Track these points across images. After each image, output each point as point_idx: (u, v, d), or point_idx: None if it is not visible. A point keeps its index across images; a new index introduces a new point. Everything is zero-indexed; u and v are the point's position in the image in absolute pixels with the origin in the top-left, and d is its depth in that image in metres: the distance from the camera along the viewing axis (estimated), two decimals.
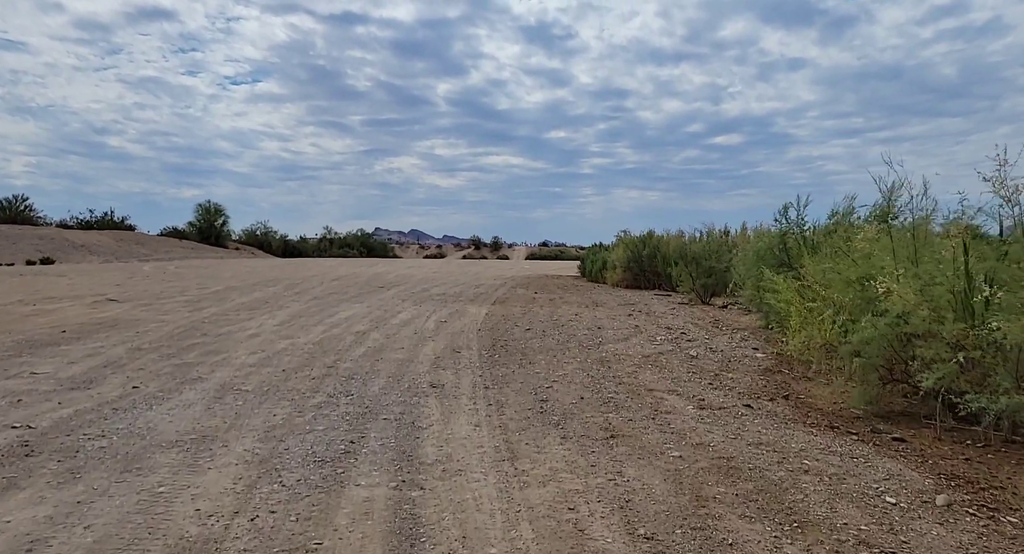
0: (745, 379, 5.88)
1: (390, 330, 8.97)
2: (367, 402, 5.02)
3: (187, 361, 6.57)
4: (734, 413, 4.68)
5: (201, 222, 34.21)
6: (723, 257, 12.69)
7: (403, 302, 12.82)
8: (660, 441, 4.00)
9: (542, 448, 3.90)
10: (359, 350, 7.40)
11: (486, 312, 11.30)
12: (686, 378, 5.89)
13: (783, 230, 8.99)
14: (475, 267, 29.87)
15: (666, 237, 17.24)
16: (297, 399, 5.09)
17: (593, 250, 22.36)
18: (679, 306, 12.39)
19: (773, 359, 6.80)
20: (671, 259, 15.97)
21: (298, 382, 5.71)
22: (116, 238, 31.42)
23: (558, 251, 55.50)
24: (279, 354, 7.07)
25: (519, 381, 5.80)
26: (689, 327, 9.31)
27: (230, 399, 5.04)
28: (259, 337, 8.24)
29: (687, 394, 5.24)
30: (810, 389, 5.52)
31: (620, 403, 4.95)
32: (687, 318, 10.47)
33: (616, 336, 8.47)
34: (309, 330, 8.90)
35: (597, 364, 6.62)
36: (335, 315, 10.60)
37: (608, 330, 9.04)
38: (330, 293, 14.53)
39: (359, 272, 22.80)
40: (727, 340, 8.05)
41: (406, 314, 10.87)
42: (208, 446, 3.88)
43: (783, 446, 3.93)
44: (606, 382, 5.72)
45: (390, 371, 6.24)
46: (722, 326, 9.53)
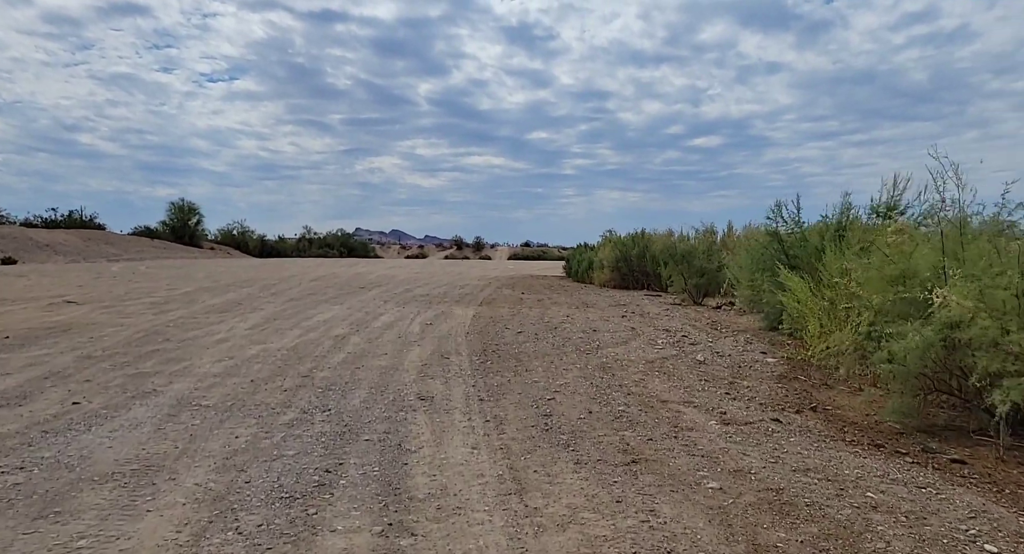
0: (762, 387, 5.30)
1: (372, 334, 8.29)
2: (346, 419, 4.36)
3: (143, 370, 5.84)
4: (763, 429, 4.09)
5: (174, 221, 33.05)
6: (715, 257, 12.16)
7: (385, 303, 12.13)
8: (691, 467, 3.39)
9: (554, 477, 3.27)
10: (338, 357, 6.72)
11: (473, 314, 10.65)
12: (699, 387, 5.30)
13: (777, 228, 8.44)
14: (458, 267, 29.19)
15: (655, 236, 16.72)
16: (265, 416, 4.41)
17: (579, 250, 21.79)
18: (672, 307, 11.83)
19: (785, 364, 6.24)
20: (661, 259, 15.45)
21: (268, 395, 5.03)
22: (83, 237, 30.24)
23: (540, 251, 54.93)
24: (248, 362, 6.37)
25: (517, 392, 5.17)
26: (688, 329, 8.75)
27: (186, 417, 4.34)
28: (228, 342, 7.52)
29: (705, 406, 4.65)
30: (835, 399, 4.96)
31: (634, 418, 4.33)
32: (683, 320, 9.91)
33: (614, 339, 7.88)
34: (284, 334, 8.19)
35: (599, 371, 6.01)
36: (313, 318, 9.89)
37: (604, 333, 8.44)
38: (308, 294, 13.79)
39: (339, 272, 22.03)
40: (732, 343, 7.48)
41: (389, 316, 10.19)
42: (151, 480, 3.20)
43: (835, 473, 3.34)
44: (613, 392, 5.11)
45: (372, 381, 5.58)
46: (721, 328, 8.98)
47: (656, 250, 15.75)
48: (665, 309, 11.40)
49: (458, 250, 59.50)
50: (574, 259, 21.15)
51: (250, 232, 39.91)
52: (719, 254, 12.13)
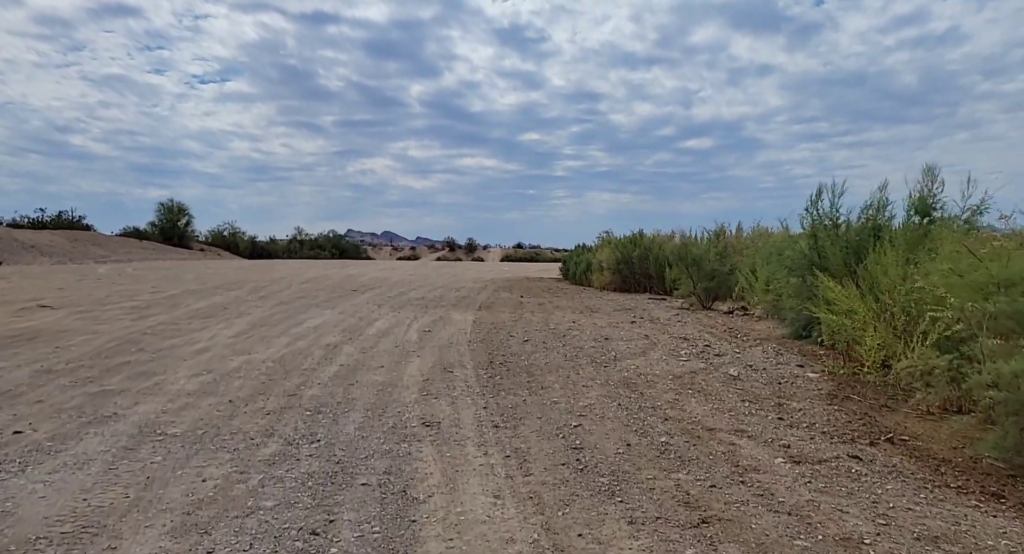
0: (815, 410, 4.59)
1: (366, 342, 7.53)
2: (338, 453, 3.61)
3: (107, 388, 5.06)
4: (844, 469, 3.37)
5: (163, 222, 32.02)
6: (727, 260, 11.47)
7: (379, 308, 11.36)
8: (780, 532, 2.65)
9: (606, 545, 2.53)
10: (329, 370, 5.96)
11: (473, 319, 9.91)
12: (744, 410, 4.57)
13: (813, 225, 7.71)
14: (452, 269, 28.42)
15: (658, 238, 16.04)
16: (242, 449, 3.65)
17: (576, 252, 21.08)
18: (681, 312, 11.13)
19: (829, 380, 5.53)
20: (666, 261, 14.76)
21: (247, 419, 4.26)
22: (70, 238, 29.23)
23: (533, 253, 54.18)
24: (229, 376, 5.60)
25: (536, 415, 4.43)
26: (707, 337, 8.04)
27: (147, 451, 3.58)
28: (208, 352, 6.74)
29: (761, 436, 3.92)
30: (906, 425, 4.25)
31: (682, 453, 3.60)
32: (698, 326, 9.20)
33: (630, 349, 7.15)
34: (270, 343, 7.41)
35: (623, 388, 5.28)
36: (302, 324, 9.12)
37: (617, 341, 7.72)
38: (298, 297, 13.00)
39: (331, 274, 21.21)
40: (760, 354, 6.77)
41: (384, 322, 9.43)
42: (84, 550, 2.44)
43: (973, 543, 2.61)
44: (648, 417, 4.38)
45: (368, 401, 4.83)
46: (741, 336, 8.27)
47: (666, 252, 15.07)
48: (675, 314, 10.69)
49: (450, 252, 58.69)
50: (571, 261, 20.45)
51: (241, 233, 38.97)
52: (731, 257, 11.44)
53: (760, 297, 10.33)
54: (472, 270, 28.08)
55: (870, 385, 5.25)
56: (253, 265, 27.46)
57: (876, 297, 5.16)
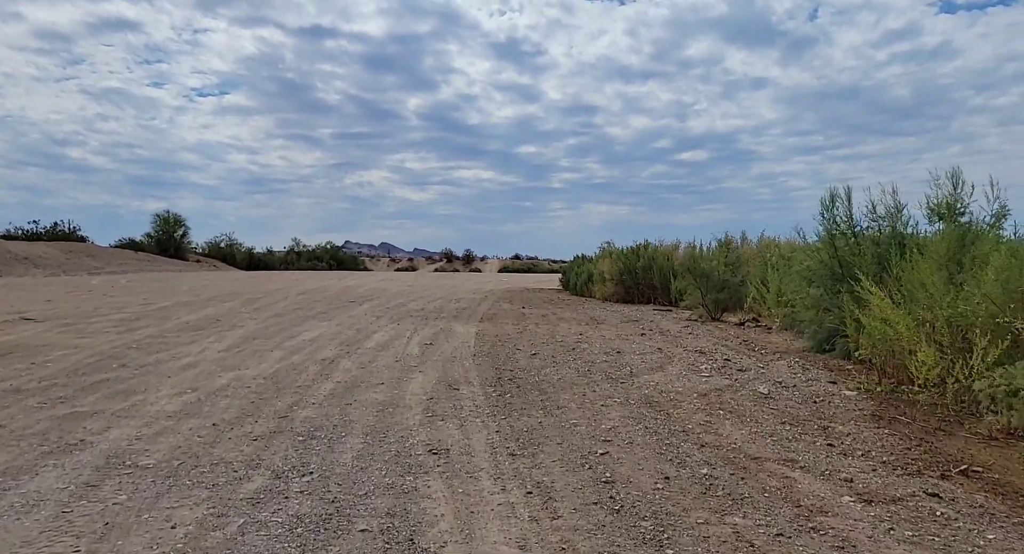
0: (864, 434, 4.09)
1: (365, 356, 7.01)
2: (333, 488, 3.10)
3: (78, 409, 4.54)
4: (927, 512, 2.86)
5: (159, 233, 31.42)
6: (738, 270, 11.00)
7: (378, 319, 10.85)
8: None
9: None
10: (325, 387, 5.44)
11: (476, 331, 9.40)
12: (786, 434, 4.07)
13: (830, 233, 7.23)
14: (450, 280, 27.91)
15: (662, 248, 15.58)
16: (222, 484, 3.14)
17: (577, 262, 20.61)
18: (690, 323, 10.65)
19: (868, 398, 5.04)
20: (672, 271, 14.29)
21: (231, 447, 3.75)
22: (64, 250, 28.64)
23: (531, 264, 53.66)
24: (215, 395, 5.08)
25: (555, 440, 3.92)
26: (724, 350, 7.55)
27: (111, 488, 3.06)
28: (196, 368, 6.22)
29: (817, 467, 3.42)
30: (972, 453, 3.75)
31: (730, 488, 3.10)
32: (712, 339, 8.72)
33: (645, 364, 6.66)
34: (262, 357, 6.90)
35: (646, 407, 4.78)
36: (298, 336, 8.60)
37: (630, 355, 7.22)
38: (294, 309, 12.48)
39: (328, 285, 20.69)
40: (786, 369, 6.28)
41: (383, 334, 8.91)
42: None
43: None
44: (681, 443, 3.88)
45: (368, 423, 4.31)
46: (759, 349, 7.79)
47: (673, 262, 14.61)
48: (684, 326, 10.20)
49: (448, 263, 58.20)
50: (572, 272, 19.98)
51: (238, 245, 38.41)
52: (742, 267, 10.97)
53: (772, 308, 9.87)
54: (471, 281, 27.59)
55: (915, 405, 4.76)
56: (250, 277, 26.91)
57: (913, 309, 4.68)
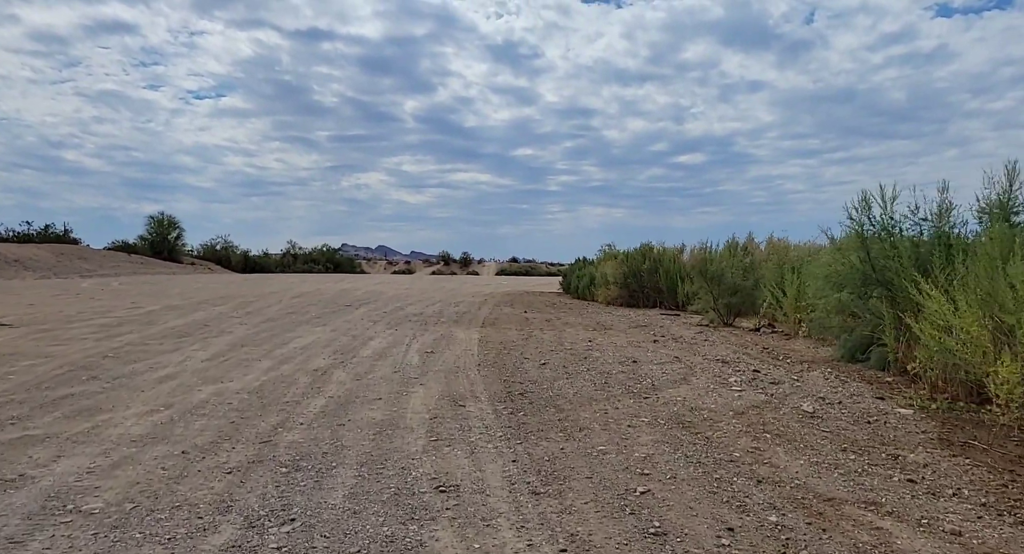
0: (942, 465, 3.47)
1: (360, 366, 6.38)
2: (320, 544, 2.47)
3: (30, 433, 3.90)
4: None
5: (153, 235, 30.66)
6: (751, 273, 10.41)
7: (375, 324, 10.22)
8: None
9: None
10: (315, 404, 4.81)
11: (479, 337, 8.78)
12: (853, 465, 3.45)
13: (863, 236, 6.63)
14: (448, 283, 27.27)
15: (668, 250, 14.99)
16: (181, 537, 2.50)
17: (578, 265, 20.01)
18: (703, 329, 10.04)
19: (927, 418, 4.43)
20: (679, 274, 13.70)
21: (200, 482, 3.11)
22: (56, 252, 27.89)
23: (528, 267, 52.97)
24: (190, 414, 4.44)
25: (583, 473, 3.30)
26: (747, 360, 6.94)
27: (39, 544, 2.42)
28: (173, 381, 5.58)
29: (908, 513, 2.79)
30: None
31: (816, 548, 2.48)
32: (730, 346, 8.11)
33: (666, 375, 6.05)
34: (249, 367, 6.26)
35: (680, 429, 4.16)
36: (289, 343, 7.96)
37: (647, 365, 6.61)
38: (288, 313, 11.83)
39: (324, 288, 20.03)
40: (822, 382, 5.68)
41: (380, 341, 8.28)
42: None
43: None
44: (733, 477, 3.25)
45: (363, 449, 3.68)
46: (784, 358, 7.18)
47: (683, 265, 14.01)
48: (697, 332, 9.60)
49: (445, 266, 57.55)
50: (573, 274, 19.38)
51: (234, 247, 37.68)
52: (756, 269, 10.37)
53: (790, 314, 9.28)
54: (469, 284, 26.95)
55: (982, 426, 4.15)
56: (244, 279, 26.23)
57: (992, 316, 4.07)
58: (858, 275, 6.34)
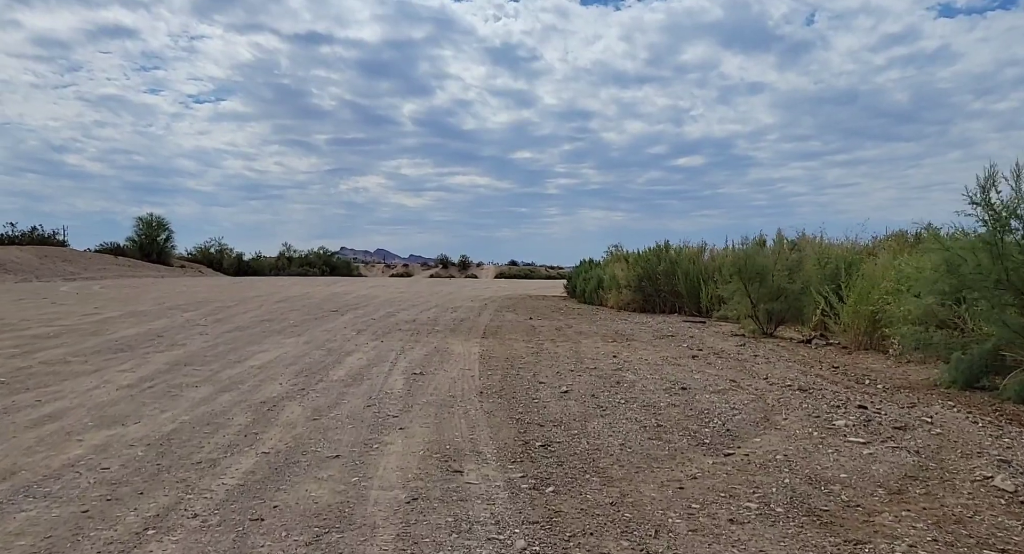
0: None
1: (325, 396, 4.67)
2: None
3: None
4: None
5: (142, 237, 28.90)
6: (798, 275, 8.70)
7: (358, 334, 8.51)
8: None
9: None
10: (238, 466, 3.11)
11: (480, 352, 7.08)
12: None
13: (993, 227, 4.89)
14: (446, 287, 25.53)
15: (686, 250, 13.30)
16: None
17: (584, 268, 18.29)
18: (743, 340, 8.35)
19: None
20: (701, 276, 12.01)
21: None
22: (39, 255, 26.12)
23: (528, 270, 51.08)
24: (36, 488, 2.73)
25: None
26: (826, 385, 5.25)
27: None
28: (55, 421, 3.88)
29: None
30: None
31: None
32: (789, 364, 6.42)
33: (735, 411, 4.35)
34: (175, 399, 4.55)
35: (820, 532, 2.46)
36: (246, 361, 6.26)
37: (702, 393, 4.91)
38: (261, 320, 10.12)
39: (313, 292, 18.30)
40: (968, 424, 3.97)
41: (360, 356, 6.58)
42: None
43: None
44: None
45: None
46: (869, 381, 5.49)
47: (691, 267, 12.32)
48: (738, 344, 7.90)
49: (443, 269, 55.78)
50: (579, 277, 17.65)
51: (228, 250, 35.90)
52: (803, 270, 8.66)
53: (850, 323, 7.57)
54: (467, 288, 25.24)
55: None
56: (233, 282, 24.48)
57: None
58: (989, 278, 4.64)
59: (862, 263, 8.36)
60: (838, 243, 10.60)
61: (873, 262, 7.91)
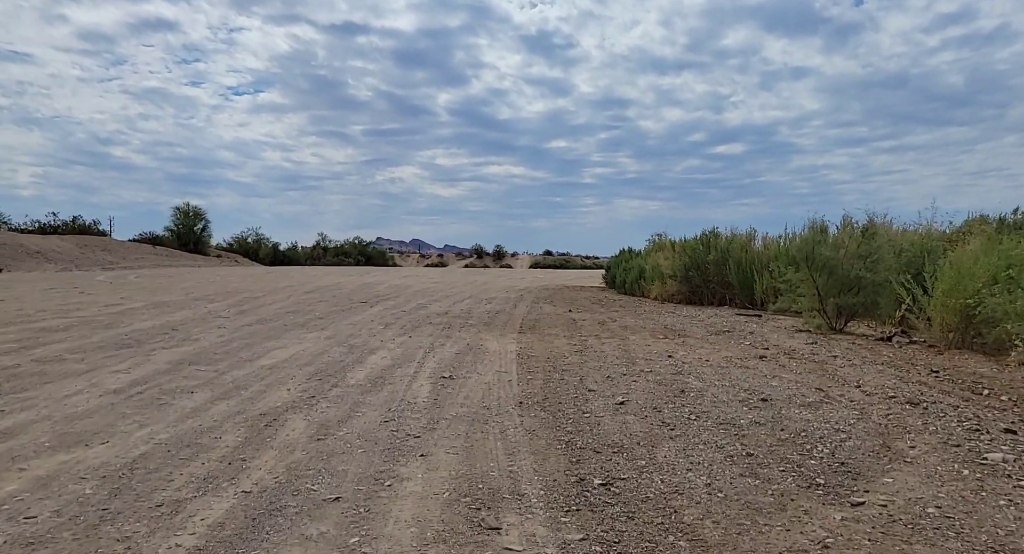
0: None
1: (337, 406, 3.90)
2: None
3: None
4: None
5: (179, 227, 28.85)
6: (878, 264, 7.59)
7: (386, 329, 7.76)
8: None
9: None
10: (207, 515, 2.33)
11: (517, 350, 6.25)
12: None
13: None
14: (480, 277, 24.79)
15: (738, 238, 12.23)
16: None
17: (623, 257, 17.28)
18: (811, 337, 7.35)
19: None
20: (754, 266, 10.96)
21: None
22: (79, 244, 26.20)
23: (563, 260, 49.99)
24: None
25: None
26: (937, 396, 4.27)
27: None
28: (9, 441, 3.17)
29: None
30: None
31: None
32: (876, 367, 5.43)
33: (840, 434, 3.42)
34: (163, 409, 3.83)
35: None
36: (258, 359, 5.55)
37: (789, 407, 3.99)
38: (286, 312, 9.47)
39: (345, 282, 17.74)
40: None
41: (384, 355, 5.82)
42: None
43: None
44: None
45: None
46: (983, 389, 4.48)
47: (744, 255, 11.28)
48: (808, 342, 6.91)
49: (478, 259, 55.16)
50: (618, 268, 16.66)
51: (265, 240, 35.80)
52: (881, 259, 7.56)
53: (939, 318, 6.51)
54: (502, 278, 24.45)
55: None
56: (267, 272, 24.14)
57: None
58: None
59: (944, 251, 7.27)
60: (912, 229, 9.48)
61: (963, 249, 6.81)
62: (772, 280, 10.11)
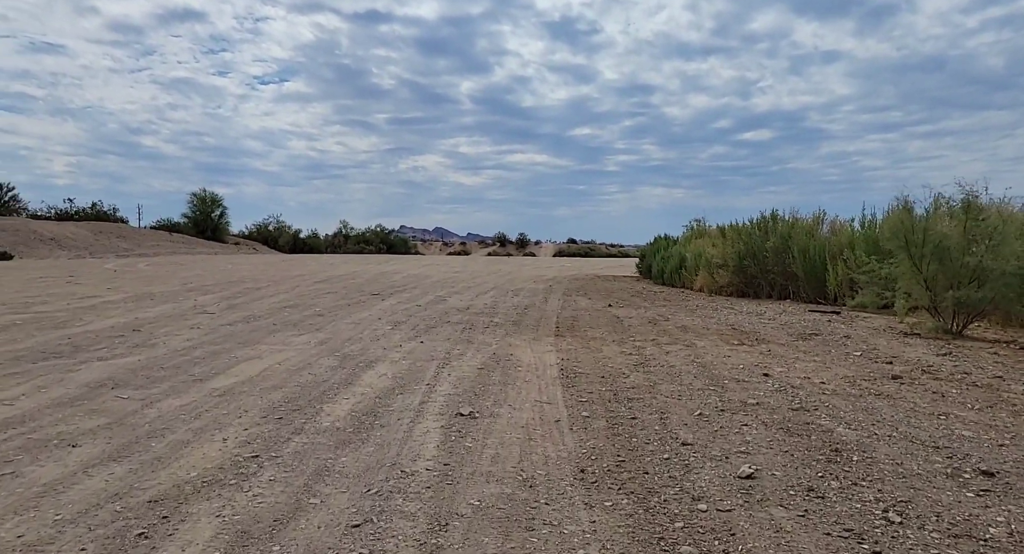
0: None
1: (282, 487, 2.28)
2: None
3: None
4: None
5: (196, 214, 27.61)
6: (1004, 248, 5.80)
7: (393, 329, 6.19)
8: None
9: None
10: None
11: (558, 363, 4.61)
12: None
13: None
14: (504, 265, 23.14)
15: (800, 222, 10.42)
16: None
17: (660, 244, 15.49)
18: (933, 343, 5.62)
19: None
20: (820, 254, 9.18)
21: None
22: (95, 231, 25.08)
23: (588, 248, 48.02)
24: None
25: None
26: None
27: None
28: None
29: None
30: None
31: None
32: None
33: None
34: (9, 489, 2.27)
35: None
36: (214, 378, 4.00)
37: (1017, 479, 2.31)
38: (283, 307, 7.94)
39: (360, 271, 16.25)
40: None
41: (383, 370, 4.22)
42: None
43: None
44: None
45: None
46: None
47: (811, 243, 9.50)
48: (937, 352, 5.17)
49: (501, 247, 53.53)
50: (655, 256, 14.89)
51: (286, 227, 34.53)
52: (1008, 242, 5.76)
53: None
54: (527, 266, 22.80)
55: None
56: (283, 260, 22.78)
57: None
58: None
59: None
60: None
61: None
62: (848, 270, 8.35)
